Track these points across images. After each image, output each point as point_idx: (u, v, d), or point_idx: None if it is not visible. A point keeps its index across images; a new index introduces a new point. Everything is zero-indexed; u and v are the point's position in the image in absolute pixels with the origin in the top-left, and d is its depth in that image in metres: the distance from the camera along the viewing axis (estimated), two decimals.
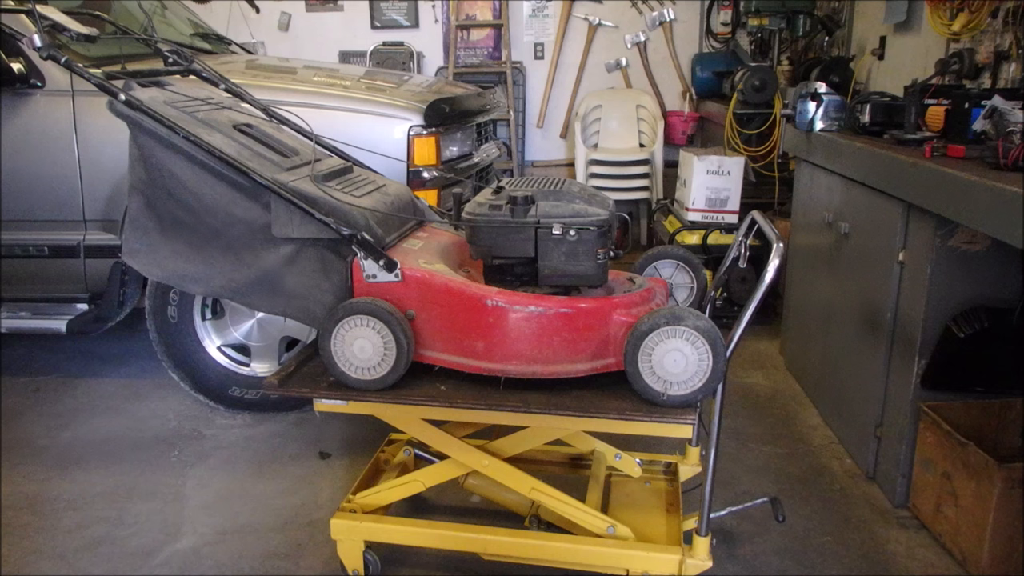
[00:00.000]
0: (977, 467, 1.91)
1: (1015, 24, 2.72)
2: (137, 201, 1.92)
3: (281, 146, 2.02)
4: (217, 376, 2.81)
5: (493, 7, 5.78)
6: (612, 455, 2.07)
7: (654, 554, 1.73)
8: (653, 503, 2.00)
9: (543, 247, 1.70)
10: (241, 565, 2.05)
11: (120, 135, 1.92)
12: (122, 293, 2.77)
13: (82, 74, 1.90)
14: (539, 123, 5.95)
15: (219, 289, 1.93)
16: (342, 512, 1.89)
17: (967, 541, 1.97)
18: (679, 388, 1.61)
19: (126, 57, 2.51)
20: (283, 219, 1.78)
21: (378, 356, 1.71)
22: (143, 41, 2.52)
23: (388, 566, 1.99)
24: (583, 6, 5.75)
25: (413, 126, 2.68)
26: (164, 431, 2.76)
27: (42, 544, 2.14)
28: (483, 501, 2.06)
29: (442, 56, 5.92)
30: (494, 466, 1.81)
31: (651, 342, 1.60)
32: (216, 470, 2.51)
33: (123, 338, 3.50)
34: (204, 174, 1.82)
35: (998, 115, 2.13)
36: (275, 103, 2.39)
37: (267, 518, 2.25)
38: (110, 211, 2.73)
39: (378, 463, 2.13)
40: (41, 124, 2.71)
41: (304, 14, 5.95)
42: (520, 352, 1.67)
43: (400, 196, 2.09)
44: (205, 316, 2.80)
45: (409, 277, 1.73)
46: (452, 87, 3.45)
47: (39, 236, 2.78)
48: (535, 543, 1.80)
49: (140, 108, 1.80)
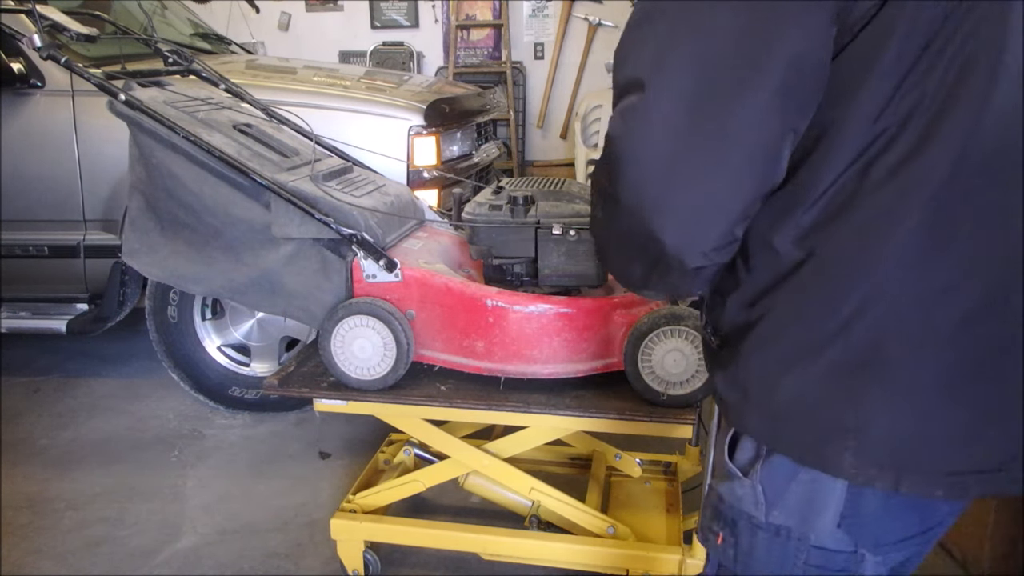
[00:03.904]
0: None
1: None
2: (137, 201, 1.92)
3: (281, 146, 2.02)
4: (217, 376, 2.80)
5: (493, 7, 5.78)
6: (612, 455, 2.07)
7: (654, 554, 1.73)
8: (653, 503, 2.00)
9: (543, 247, 1.70)
10: (241, 565, 2.05)
11: (120, 135, 1.92)
12: (122, 293, 2.76)
13: (82, 74, 1.90)
14: (539, 123, 5.96)
15: (219, 289, 1.93)
16: (342, 512, 1.89)
17: (967, 541, 1.97)
18: (679, 388, 1.61)
19: (126, 57, 2.51)
20: (283, 219, 1.78)
21: (378, 356, 1.71)
22: (143, 41, 2.52)
23: (388, 566, 1.99)
24: (583, 6, 5.75)
25: (413, 126, 2.68)
26: (164, 431, 2.76)
27: (42, 544, 2.14)
28: (483, 501, 2.06)
29: (442, 56, 5.92)
30: (494, 466, 1.81)
31: (651, 342, 1.60)
32: (216, 470, 2.51)
33: (123, 338, 3.50)
34: (204, 174, 1.82)
35: None
36: (275, 103, 2.39)
37: (267, 518, 2.25)
38: (110, 211, 2.73)
39: (378, 463, 2.13)
40: (41, 124, 2.71)
41: (304, 14, 5.96)
42: (520, 352, 1.67)
43: (400, 196, 2.09)
44: (205, 316, 2.79)
45: (409, 277, 1.73)
46: (452, 87, 3.45)
47: (39, 236, 2.78)
48: (535, 543, 1.80)
49: (140, 108, 1.80)
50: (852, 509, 0.79)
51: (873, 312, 0.73)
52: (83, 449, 2.65)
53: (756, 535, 0.84)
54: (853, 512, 0.79)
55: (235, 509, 2.29)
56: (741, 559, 0.86)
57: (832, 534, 0.80)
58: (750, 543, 0.85)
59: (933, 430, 0.75)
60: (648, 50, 0.73)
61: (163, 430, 2.77)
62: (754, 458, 0.84)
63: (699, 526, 0.93)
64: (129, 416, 2.88)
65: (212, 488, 2.41)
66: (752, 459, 0.84)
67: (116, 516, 2.26)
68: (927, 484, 0.77)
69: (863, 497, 0.79)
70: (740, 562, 0.87)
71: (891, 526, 0.81)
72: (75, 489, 2.40)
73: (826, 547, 0.81)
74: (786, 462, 0.81)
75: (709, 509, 0.90)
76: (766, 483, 0.82)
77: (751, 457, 0.84)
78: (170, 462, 2.56)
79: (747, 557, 0.86)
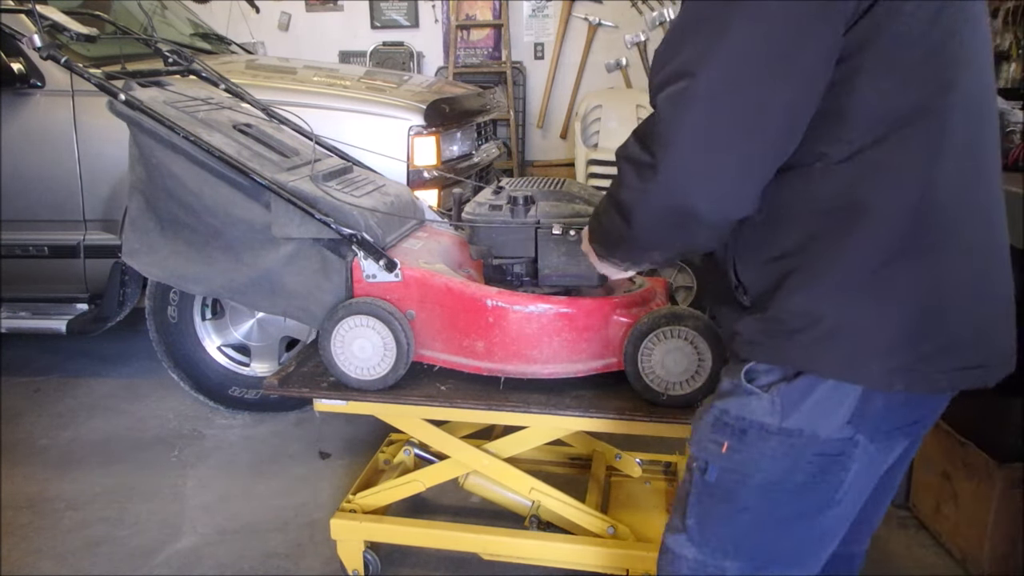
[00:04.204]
0: (977, 467, 1.91)
1: (1015, 24, 2.72)
2: (137, 201, 1.92)
3: (281, 146, 2.02)
4: (217, 376, 2.80)
5: (493, 7, 5.78)
6: (612, 455, 2.07)
7: (654, 554, 1.71)
8: (653, 503, 2.00)
9: (543, 247, 1.70)
10: (241, 565, 2.05)
11: (120, 135, 1.92)
12: (122, 293, 2.76)
13: (82, 74, 1.90)
14: (539, 123, 5.95)
15: (219, 289, 1.93)
16: (342, 512, 1.89)
17: (967, 541, 1.97)
18: (679, 388, 1.61)
19: (126, 57, 2.51)
20: (283, 219, 1.78)
21: (378, 356, 1.71)
22: (143, 41, 2.52)
23: (388, 566, 1.99)
24: (583, 6, 5.75)
25: (413, 126, 2.68)
26: (164, 431, 2.76)
27: (42, 544, 2.14)
28: (483, 501, 2.05)
29: (442, 56, 5.92)
30: (494, 466, 1.81)
31: (651, 342, 1.60)
32: (216, 470, 2.51)
33: (123, 338, 3.50)
34: (204, 174, 1.82)
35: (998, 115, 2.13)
36: (275, 103, 2.39)
37: (267, 518, 2.25)
38: (110, 211, 2.73)
39: (378, 463, 2.13)
40: (41, 124, 2.71)
41: (304, 14, 5.96)
42: (520, 352, 1.67)
43: (400, 196, 2.09)
44: (205, 316, 2.79)
45: (409, 277, 1.73)
46: (452, 87, 3.45)
47: (39, 236, 2.78)
48: (535, 543, 1.80)
49: (140, 108, 1.80)
50: (861, 409, 0.97)
51: (893, 245, 0.93)
52: (83, 449, 2.65)
53: (768, 440, 1.00)
54: (861, 412, 0.97)
55: (235, 509, 2.29)
56: (751, 461, 1.02)
57: (840, 429, 0.98)
58: (761, 447, 1.01)
59: (941, 339, 0.95)
60: (696, 46, 0.90)
61: (163, 430, 2.77)
62: (777, 380, 0.99)
63: (692, 440, 1.08)
64: (129, 416, 2.88)
65: (212, 488, 2.41)
66: (774, 381, 1.00)
67: (116, 516, 2.26)
68: (935, 382, 0.97)
69: (873, 398, 0.97)
70: (751, 464, 1.02)
71: (889, 418, 1.00)
72: (75, 489, 2.40)
73: (832, 438, 0.98)
74: (809, 380, 0.97)
75: (707, 425, 1.05)
76: (785, 397, 0.99)
77: (773, 380, 1.00)
78: (170, 462, 2.56)
79: (758, 458, 1.01)
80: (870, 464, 1.03)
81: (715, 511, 1.07)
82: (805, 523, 1.05)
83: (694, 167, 0.92)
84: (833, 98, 0.90)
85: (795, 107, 0.90)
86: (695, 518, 1.08)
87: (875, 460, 1.03)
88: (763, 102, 0.89)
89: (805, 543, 1.07)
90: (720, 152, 0.91)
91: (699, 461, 1.07)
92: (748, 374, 1.02)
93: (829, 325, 0.95)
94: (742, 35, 0.88)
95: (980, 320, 0.99)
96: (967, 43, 0.94)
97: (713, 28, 0.89)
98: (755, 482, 1.02)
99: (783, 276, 0.98)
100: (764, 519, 1.04)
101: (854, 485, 1.02)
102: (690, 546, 1.09)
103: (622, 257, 1.18)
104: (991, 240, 1.00)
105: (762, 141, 0.91)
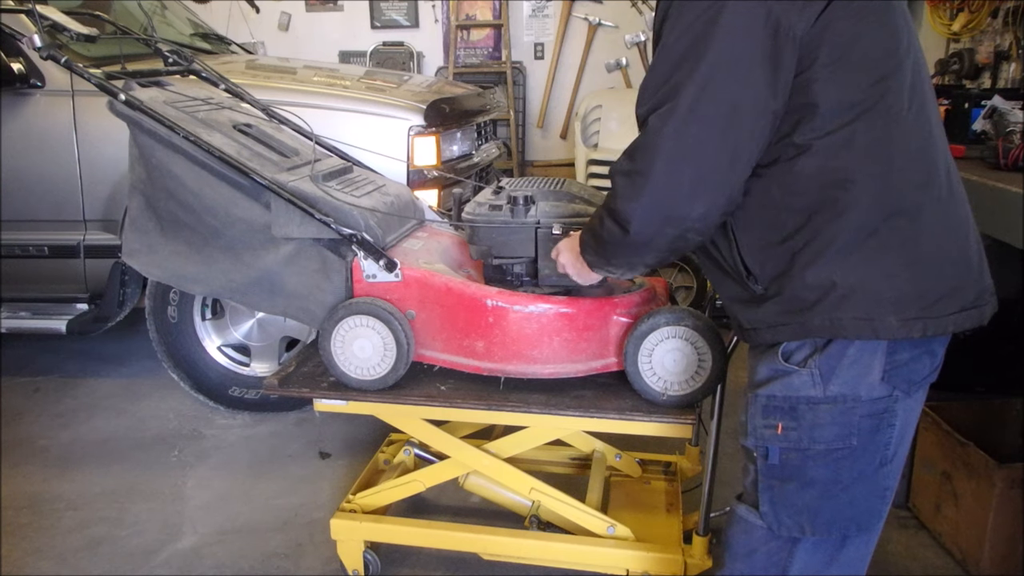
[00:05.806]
0: (977, 467, 1.91)
1: (1015, 24, 2.72)
2: (137, 201, 1.92)
3: (281, 146, 2.02)
4: (217, 376, 2.80)
5: (493, 7, 5.79)
6: (612, 455, 2.07)
7: (654, 554, 1.72)
8: (653, 503, 2.00)
9: (543, 247, 1.70)
10: (241, 565, 2.05)
11: (120, 135, 1.92)
12: (122, 293, 2.76)
13: (82, 74, 1.90)
14: (539, 123, 5.96)
15: (219, 289, 1.93)
16: (342, 512, 1.89)
17: (967, 541, 1.97)
18: (679, 388, 1.61)
19: (126, 57, 2.51)
20: (283, 219, 1.78)
21: (378, 356, 1.71)
22: (143, 41, 2.52)
23: (388, 566, 1.99)
24: (583, 6, 5.75)
25: (413, 126, 2.68)
26: (164, 431, 2.76)
27: (42, 544, 2.14)
28: (483, 501, 2.05)
29: (442, 56, 5.92)
30: (494, 466, 1.81)
31: (651, 342, 1.60)
32: (216, 470, 2.51)
33: (123, 338, 3.50)
34: (204, 174, 1.82)
35: (998, 115, 2.13)
36: (275, 103, 2.39)
37: (267, 518, 2.25)
38: (110, 211, 2.73)
39: (378, 463, 2.13)
40: (41, 124, 2.71)
41: (304, 14, 5.96)
42: (520, 352, 1.67)
43: (400, 196, 2.09)
44: (205, 316, 2.79)
45: (409, 277, 1.73)
46: (452, 87, 3.45)
47: (39, 236, 2.78)
48: (535, 543, 1.80)
49: (140, 108, 1.80)
50: (891, 363, 1.10)
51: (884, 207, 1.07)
52: (83, 449, 2.65)
53: (817, 410, 1.11)
54: (892, 365, 1.10)
55: (235, 509, 2.29)
56: (807, 434, 1.13)
57: (878, 387, 1.11)
58: (813, 419, 1.12)
59: (942, 285, 1.09)
60: (679, 75, 1.07)
61: (163, 430, 2.77)
62: (811, 354, 1.11)
63: (746, 432, 1.18)
64: (129, 416, 2.88)
65: (212, 488, 2.41)
66: (808, 355, 1.12)
67: (116, 516, 2.26)
68: (945, 325, 1.10)
69: (897, 351, 1.10)
70: (807, 437, 1.13)
71: (915, 369, 1.13)
72: (75, 489, 2.40)
73: (874, 397, 1.11)
74: (838, 345, 1.09)
75: (757, 413, 1.16)
76: (822, 367, 1.11)
77: (807, 354, 1.12)
78: (170, 462, 2.56)
79: (812, 430, 1.12)
80: (908, 417, 1.15)
81: (784, 491, 1.16)
82: (867, 484, 1.15)
83: (680, 165, 1.08)
84: (803, 96, 1.06)
85: (762, 105, 1.06)
86: (768, 504, 1.18)
87: (912, 412, 1.16)
88: (736, 103, 1.06)
89: (871, 503, 1.18)
90: (701, 147, 1.07)
91: (759, 448, 1.17)
92: (783, 355, 1.13)
93: (842, 290, 1.07)
94: (714, 62, 1.05)
95: (967, 262, 1.13)
96: (897, 29, 1.09)
97: (692, 58, 1.07)
98: (815, 453, 1.13)
99: (792, 256, 1.10)
100: (831, 488, 1.14)
101: (902, 440, 1.15)
102: (763, 527, 1.20)
103: (619, 263, 1.29)
104: (953, 188, 1.14)
105: (736, 136, 1.07)
